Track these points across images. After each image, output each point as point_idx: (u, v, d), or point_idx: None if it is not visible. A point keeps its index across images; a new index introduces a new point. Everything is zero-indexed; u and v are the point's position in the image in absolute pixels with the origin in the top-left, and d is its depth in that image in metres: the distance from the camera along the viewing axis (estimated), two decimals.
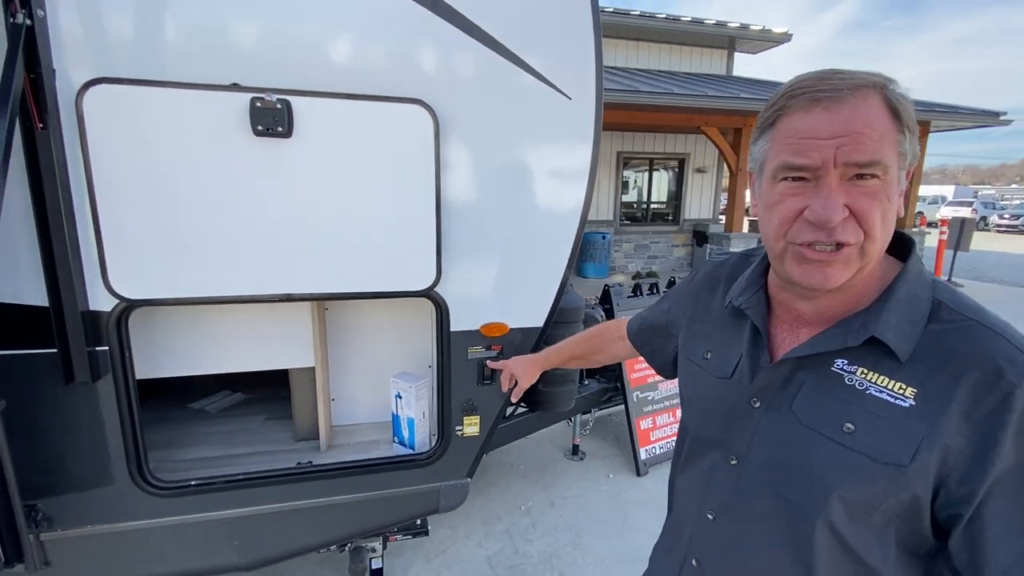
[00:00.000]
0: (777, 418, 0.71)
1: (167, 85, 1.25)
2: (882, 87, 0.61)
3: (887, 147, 0.60)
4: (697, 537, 0.83)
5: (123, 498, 1.45)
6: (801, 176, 0.64)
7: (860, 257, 0.63)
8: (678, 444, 0.96)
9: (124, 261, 1.30)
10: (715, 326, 0.88)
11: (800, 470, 0.68)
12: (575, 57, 1.53)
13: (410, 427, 1.75)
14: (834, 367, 0.67)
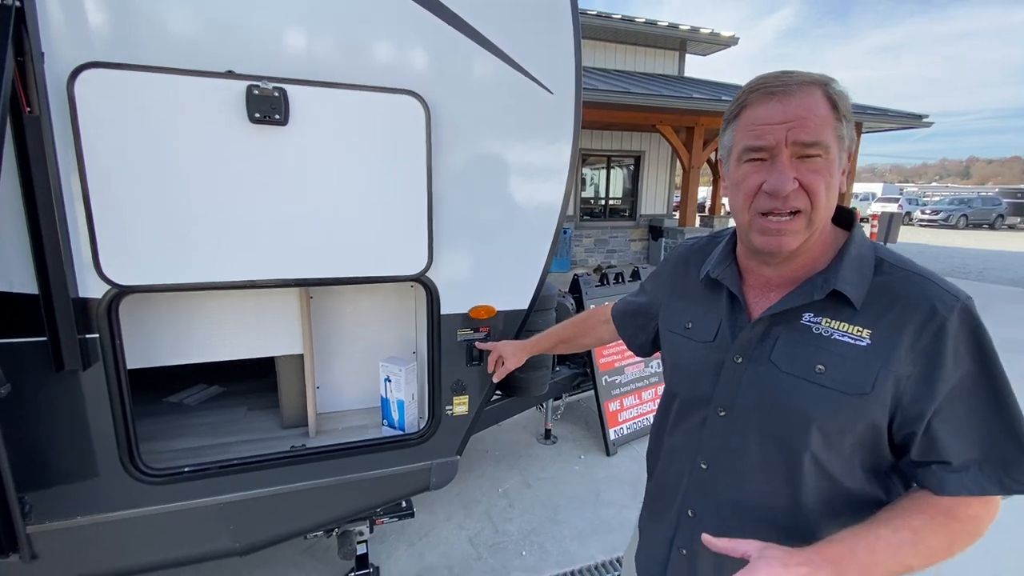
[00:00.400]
0: (759, 369, 0.84)
1: (161, 71, 1.26)
2: (823, 84, 0.76)
3: (827, 131, 0.74)
4: (692, 488, 0.94)
5: (115, 487, 1.44)
6: (760, 157, 0.78)
7: (808, 227, 0.77)
8: (662, 411, 1.06)
9: (116, 247, 1.30)
10: (693, 300, 1.00)
11: (783, 410, 0.80)
12: (556, 54, 1.63)
13: (400, 409, 1.81)
14: (803, 320, 0.81)
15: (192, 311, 1.67)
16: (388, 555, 2.44)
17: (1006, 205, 24.54)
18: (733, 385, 0.87)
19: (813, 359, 0.78)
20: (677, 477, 0.97)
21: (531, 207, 1.73)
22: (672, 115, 8.28)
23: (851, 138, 0.78)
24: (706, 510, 0.92)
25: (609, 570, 2.36)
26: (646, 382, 3.64)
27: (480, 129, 1.60)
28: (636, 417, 3.54)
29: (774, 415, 0.82)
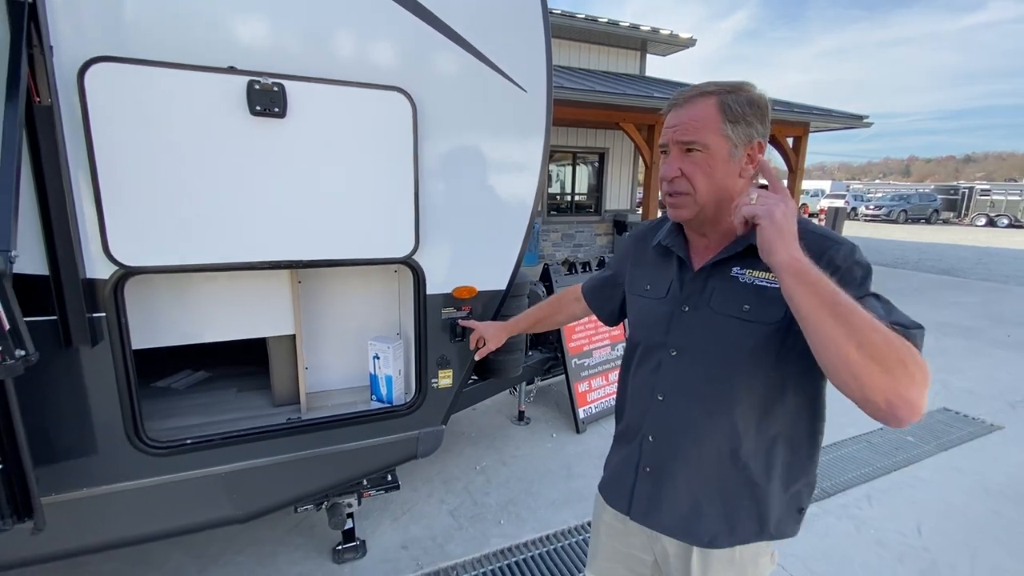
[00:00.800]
0: (700, 314, 1.04)
1: (167, 66, 1.35)
2: (720, 94, 0.97)
3: (707, 132, 0.96)
4: (651, 418, 1.13)
5: (121, 459, 1.52)
6: (664, 151, 1.03)
7: (694, 203, 1.00)
8: (625, 362, 1.26)
9: (124, 230, 1.39)
10: (649, 266, 1.21)
11: (721, 343, 1.00)
12: (529, 54, 1.79)
13: (388, 384, 1.94)
14: (731, 273, 1.01)
15: (189, 294, 1.76)
16: (373, 529, 2.56)
17: (940, 201, 26.35)
18: (682, 329, 1.07)
19: (740, 301, 0.98)
20: (640, 413, 1.16)
21: (507, 195, 1.89)
22: (635, 113, 8.58)
23: (746, 135, 0.97)
24: (662, 434, 1.11)
25: (581, 533, 2.56)
26: (612, 364, 3.87)
27: (461, 124, 1.75)
28: (604, 397, 3.76)
29: (714, 349, 1.02)
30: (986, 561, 2.38)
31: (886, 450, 3.39)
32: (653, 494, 1.14)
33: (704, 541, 1.09)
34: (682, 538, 1.11)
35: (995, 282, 9.71)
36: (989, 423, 3.79)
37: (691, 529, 1.10)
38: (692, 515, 1.09)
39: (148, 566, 2.30)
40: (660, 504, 1.13)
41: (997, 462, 3.25)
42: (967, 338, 5.96)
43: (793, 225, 0.85)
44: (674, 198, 1.02)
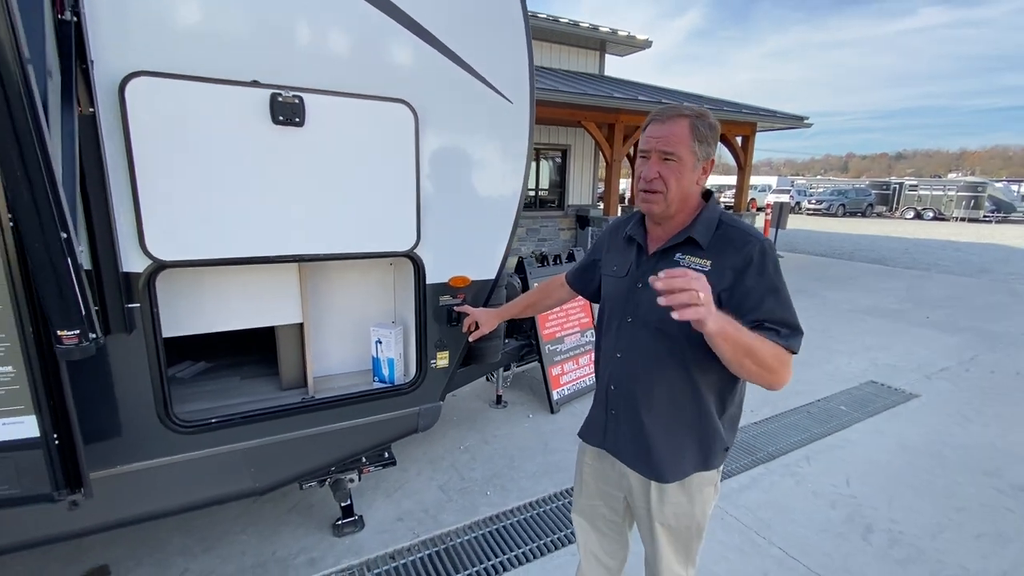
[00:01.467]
0: (649, 289, 1.29)
1: (199, 80, 1.50)
2: (691, 117, 1.24)
3: (682, 147, 1.23)
4: (612, 371, 1.41)
5: (153, 438, 1.67)
6: (644, 156, 1.28)
7: (664, 200, 1.26)
8: (597, 329, 1.54)
9: (158, 227, 1.53)
10: (618, 252, 1.48)
11: (662, 312, 1.23)
12: (515, 70, 2.02)
13: (390, 366, 2.14)
14: (675, 257, 1.29)
15: (205, 286, 1.89)
16: (368, 505, 2.75)
17: (874, 196, 28.35)
18: (636, 301, 1.35)
19: None
20: (605, 367, 1.44)
21: (495, 194, 2.12)
22: (596, 112, 8.94)
23: (705, 154, 1.25)
24: (620, 385, 1.39)
25: (560, 499, 2.84)
26: (582, 349, 4.17)
27: (455, 131, 1.97)
28: (575, 380, 4.06)
29: (657, 316, 1.26)
30: (901, 503, 2.82)
31: (822, 418, 3.84)
32: (619, 432, 1.42)
33: (658, 475, 1.36)
34: (641, 471, 1.39)
35: (919, 270, 10.70)
36: (908, 392, 4.33)
37: (649, 462, 1.37)
38: (648, 453, 1.37)
39: (152, 548, 2.41)
40: (624, 441, 1.41)
41: (914, 425, 3.76)
42: (893, 319, 6.64)
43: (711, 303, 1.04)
44: (649, 195, 1.26)
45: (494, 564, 2.34)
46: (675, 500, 1.37)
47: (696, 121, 1.22)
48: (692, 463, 1.35)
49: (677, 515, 1.39)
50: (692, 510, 1.38)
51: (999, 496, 2.89)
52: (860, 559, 2.40)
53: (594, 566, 1.70)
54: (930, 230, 20.03)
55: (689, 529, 1.41)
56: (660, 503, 1.38)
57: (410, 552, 2.42)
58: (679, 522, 1.40)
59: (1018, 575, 2.30)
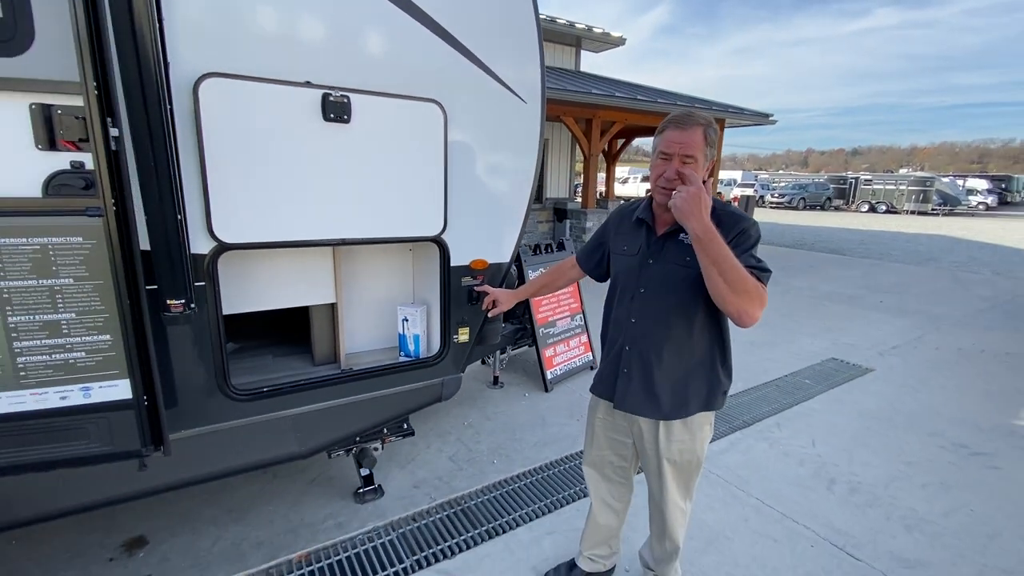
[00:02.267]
0: (660, 265, 1.58)
1: (260, 80, 1.68)
2: (704, 125, 1.49)
3: (698, 150, 1.48)
4: (627, 333, 1.67)
5: (215, 405, 1.84)
6: (665, 158, 1.51)
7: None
8: (608, 300, 1.79)
9: (223, 212, 1.70)
10: (627, 233, 1.73)
11: (672, 283, 1.55)
12: (528, 74, 2.25)
13: (416, 341, 2.35)
14: (679, 238, 1.55)
15: (247, 268, 2.06)
16: (385, 476, 2.95)
17: (832, 190, 29.73)
18: (648, 275, 1.61)
19: (683, 255, 1.52)
20: (619, 331, 1.70)
21: (511, 185, 2.35)
22: (574, 108, 9.21)
23: (712, 155, 1.52)
24: (635, 345, 1.65)
25: (563, 463, 3.11)
26: (572, 332, 4.45)
27: (477, 128, 2.18)
28: (567, 360, 4.34)
29: (668, 285, 1.56)
30: (859, 459, 3.21)
31: (790, 391, 4.23)
32: (629, 387, 1.67)
33: (665, 414, 1.63)
34: (650, 415, 1.65)
35: (873, 259, 11.45)
36: (864, 367, 4.78)
37: (657, 408, 1.64)
38: (657, 400, 1.63)
39: (184, 520, 2.56)
40: (635, 394, 1.66)
41: (869, 394, 4.19)
42: (850, 304, 7.19)
43: (696, 206, 1.36)
44: (668, 191, 1.48)
45: (507, 520, 2.59)
46: (680, 437, 1.65)
47: (707, 129, 1.48)
48: (696, 405, 1.63)
49: (681, 451, 1.67)
50: (694, 445, 1.67)
51: (942, 452, 3.32)
52: (825, 505, 2.75)
53: (604, 509, 1.98)
54: (883, 222, 21.22)
55: (691, 464, 1.70)
56: (667, 441, 1.66)
57: (428, 514, 2.65)
58: (683, 457, 1.68)
59: (957, 515, 2.70)
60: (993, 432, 3.58)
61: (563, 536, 2.48)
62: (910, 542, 2.49)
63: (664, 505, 1.77)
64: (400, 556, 2.33)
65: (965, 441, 3.45)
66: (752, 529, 2.56)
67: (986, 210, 28.39)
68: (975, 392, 4.26)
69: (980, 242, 14.97)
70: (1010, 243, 14.73)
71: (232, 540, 2.45)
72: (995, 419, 3.77)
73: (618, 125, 10.25)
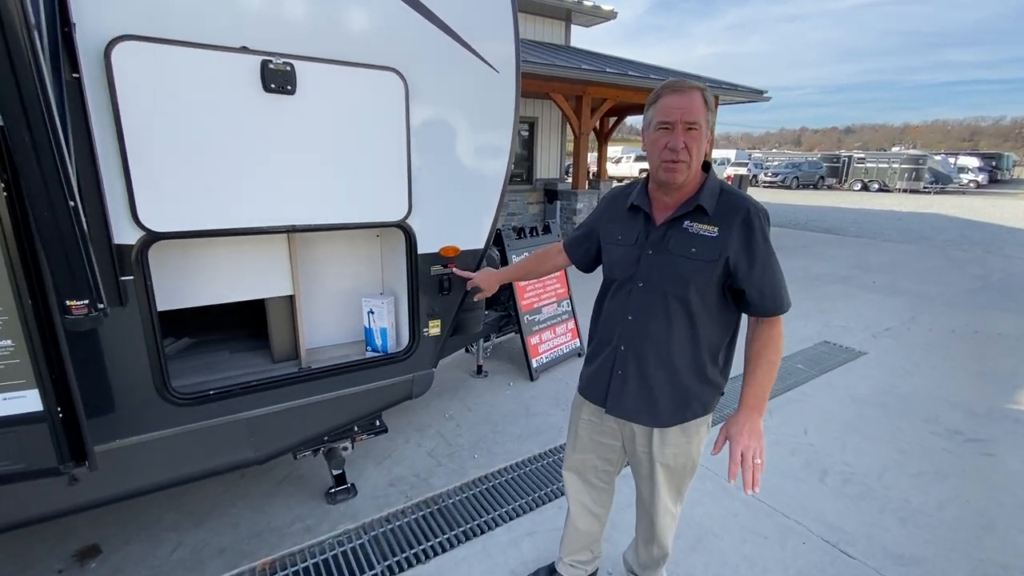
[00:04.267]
0: (661, 255, 1.40)
1: (186, 44, 1.46)
2: (701, 89, 1.32)
3: (701, 116, 1.30)
4: (623, 332, 1.50)
5: (152, 411, 1.67)
6: (666, 127, 1.32)
7: (688, 169, 1.34)
8: (602, 293, 1.61)
9: (150, 197, 1.50)
10: (621, 221, 1.54)
11: (675, 276, 1.37)
12: (501, 40, 2.04)
13: (383, 335, 2.18)
14: (683, 225, 1.38)
15: (192, 259, 1.87)
16: (360, 474, 2.81)
17: (825, 168, 29.56)
18: (647, 267, 1.43)
19: (689, 245, 1.36)
20: (613, 328, 1.53)
21: (484, 164, 2.16)
22: (564, 84, 8.90)
23: (713, 121, 1.34)
24: (631, 345, 1.48)
25: (545, 458, 2.98)
26: (559, 319, 4.29)
27: (444, 101, 1.98)
28: (553, 348, 4.19)
29: (670, 280, 1.38)
30: (852, 448, 3.11)
31: (782, 376, 4.12)
32: (624, 390, 1.51)
33: (662, 422, 1.49)
34: (647, 423, 1.51)
35: (866, 238, 11.36)
36: (857, 350, 4.68)
37: (654, 414, 1.49)
38: (654, 403, 1.48)
39: (142, 526, 2.40)
40: (630, 397, 1.51)
41: (862, 379, 4.09)
42: (843, 284, 7.08)
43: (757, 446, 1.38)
44: (675, 164, 1.30)
45: (485, 520, 2.47)
46: (675, 441, 1.51)
47: (705, 93, 1.31)
48: (694, 410, 1.48)
49: (676, 455, 1.52)
50: (689, 449, 1.52)
51: (936, 439, 3.22)
52: (818, 498, 2.65)
53: (585, 515, 1.84)
54: (876, 201, 21.15)
55: (686, 468, 1.56)
56: (662, 445, 1.51)
57: (404, 514, 2.51)
58: (677, 461, 1.53)
59: (952, 506, 2.61)
60: (987, 417, 3.49)
61: (543, 537, 2.36)
62: (904, 536, 2.40)
63: (654, 510, 1.64)
64: (371, 561, 2.20)
65: (960, 427, 3.36)
66: (742, 525, 2.45)
67: (976, 188, 28.41)
68: (969, 375, 4.17)
69: (971, 220, 14.92)
70: (1000, 221, 14.70)
71: (192, 547, 2.30)
72: (989, 403, 3.69)
73: (609, 102, 9.95)
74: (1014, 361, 4.46)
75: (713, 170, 1.43)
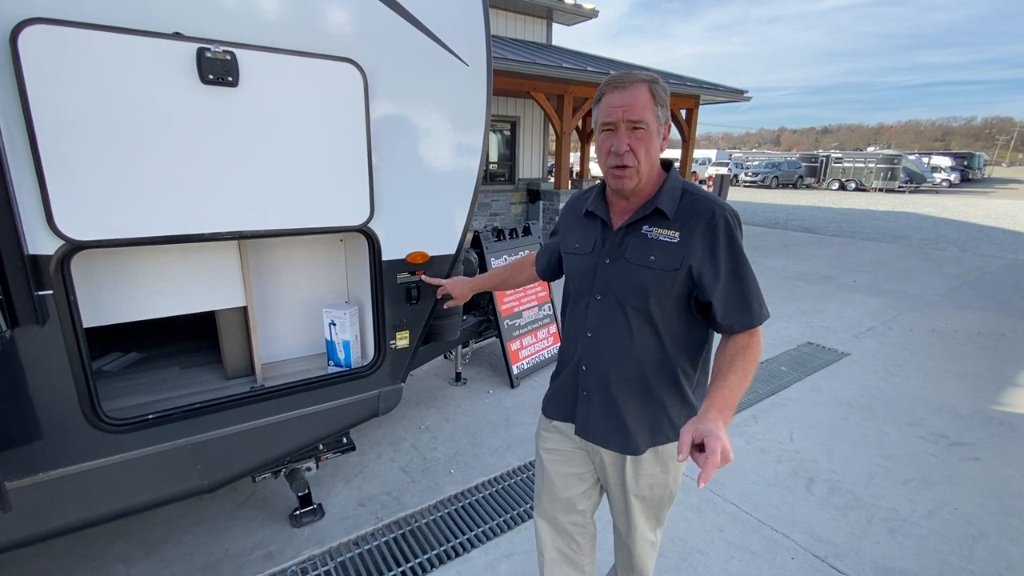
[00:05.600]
0: (619, 264, 1.27)
1: (109, 29, 1.30)
2: (649, 82, 1.18)
3: (647, 113, 1.17)
4: (583, 350, 1.36)
5: (79, 440, 1.49)
6: (609, 128, 1.19)
7: (637, 173, 1.21)
8: (563, 307, 1.48)
9: (70, 203, 1.33)
10: (579, 229, 1.41)
11: (633, 287, 1.24)
12: (470, 30, 1.90)
13: (346, 349, 2.02)
14: (642, 231, 1.25)
15: (133, 269, 1.69)
16: (327, 493, 2.65)
17: (804, 168, 29.97)
18: (604, 277, 1.29)
19: (648, 253, 1.23)
20: (574, 347, 1.39)
21: (454, 164, 2.01)
22: (545, 83, 8.79)
23: (667, 117, 1.21)
24: (592, 365, 1.34)
25: (525, 472, 2.85)
26: (540, 323, 4.17)
27: (409, 96, 1.83)
28: (534, 354, 4.06)
29: (628, 291, 1.25)
30: (838, 454, 3.04)
31: (765, 379, 4.06)
32: (591, 412, 1.37)
33: (633, 449, 1.34)
34: (617, 449, 1.36)
35: (845, 237, 11.46)
36: (840, 351, 4.65)
37: (624, 438, 1.34)
38: (623, 428, 1.34)
39: (87, 556, 2.21)
40: (597, 421, 1.37)
41: (846, 381, 4.04)
42: (824, 284, 7.09)
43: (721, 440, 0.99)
44: (622, 170, 1.19)
45: (461, 542, 2.33)
46: (650, 472, 1.37)
47: (653, 86, 1.17)
48: (666, 433, 1.34)
49: (652, 486, 1.39)
50: (666, 479, 1.39)
51: (922, 443, 3.17)
52: (805, 509, 2.56)
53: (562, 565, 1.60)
54: (853, 200, 21.47)
55: (663, 498, 1.43)
56: (635, 476, 1.38)
57: (374, 536, 2.36)
58: (653, 492, 1.40)
59: (941, 515, 2.54)
60: (972, 419, 3.46)
61: (522, 559, 2.22)
62: (894, 547, 2.32)
63: (632, 541, 1.51)
64: None
65: (944, 430, 3.32)
66: (728, 541, 2.35)
67: (949, 187, 29.09)
68: (951, 376, 4.15)
69: (946, 219, 15.20)
70: (974, 219, 15.00)
71: None
72: (972, 405, 3.66)
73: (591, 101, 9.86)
74: (994, 361, 4.46)
75: (675, 169, 1.31)
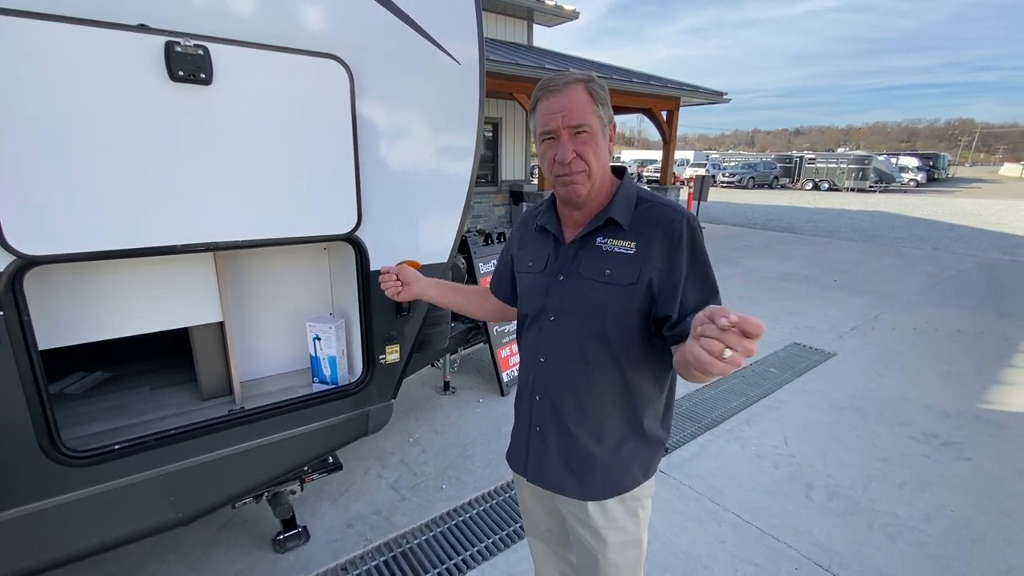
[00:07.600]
0: (572, 280, 1.16)
1: (64, 20, 1.16)
2: (585, 81, 1.08)
3: (588, 114, 1.07)
4: (536, 378, 1.23)
5: (37, 475, 1.34)
6: (550, 137, 1.10)
7: (589, 178, 1.11)
8: (517, 331, 1.35)
9: (21, 213, 1.19)
10: (531, 245, 1.30)
11: (588, 305, 1.13)
12: (461, 27, 1.80)
13: (331, 365, 1.90)
14: (596, 243, 1.14)
15: (100, 285, 1.54)
16: (313, 514, 2.51)
17: (779, 169, 30.58)
18: (557, 295, 1.18)
19: (603, 266, 1.12)
20: (527, 373, 1.26)
21: (446, 168, 1.91)
22: (528, 84, 8.71)
23: (610, 117, 1.12)
24: (547, 392, 1.21)
25: None
26: None
27: (398, 96, 1.72)
28: None
29: (583, 310, 1.14)
30: (834, 458, 3.01)
31: (756, 381, 4.04)
32: (544, 452, 1.22)
33: (594, 494, 1.19)
34: (573, 494, 1.20)
35: (823, 236, 11.67)
36: (827, 351, 4.67)
37: (582, 482, 1.19)
38: (582, 469, 1.19)
39: None
40: (551, 460, 1.22)
41: (836, 382, 4.05)
42: (806, 284, 7.17)
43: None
44: (571, 177, 1.09)
45: (456, 563, 2.22)
46: (620, 524, 1.22)
47: (590, 85, 1.08)
48: (631, 475, 1.20)
49: (623, 543, 1.24)
50: (638, 530, 1.25)
51: (914, 444, 3.18)
52: (805, 516, 2.52)
53: None
54: (827, 200, 21.97)
55: (636, 557, 1.27)
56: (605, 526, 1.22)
57: (363, 560, 2.24)
58: (624, 552, 1.24)
59: (939, 518, 2.53)
60: (960, 418, 3.49)
61: None
62: (896, 554, 2.29)
63: None
64: None
65: (935, 430, 3.33)
66: (731, 552, 2.29)
67: (917, 187, 30.01)
68: (936, 375, 4.20)
69: (916, 217, 15.64)
70: (943, 218, 15.47)
71: None
72: (959, 404, 3.69)
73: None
74: (976, 359, 4.53)
75: (628, 175, 1.22)
